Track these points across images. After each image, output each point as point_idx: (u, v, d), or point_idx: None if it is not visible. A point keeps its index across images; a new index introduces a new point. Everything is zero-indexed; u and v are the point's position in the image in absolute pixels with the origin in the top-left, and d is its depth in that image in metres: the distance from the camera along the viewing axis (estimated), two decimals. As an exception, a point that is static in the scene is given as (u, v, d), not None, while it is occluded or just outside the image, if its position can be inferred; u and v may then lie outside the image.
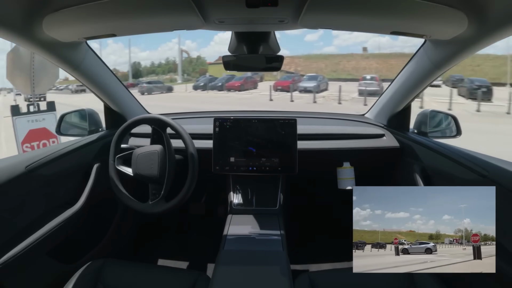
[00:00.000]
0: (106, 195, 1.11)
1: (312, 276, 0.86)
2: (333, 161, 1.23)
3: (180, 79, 27.40)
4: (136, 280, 0.88)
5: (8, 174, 0.79)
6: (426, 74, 0.97)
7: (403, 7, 0.64)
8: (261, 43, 0.93)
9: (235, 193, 1.15)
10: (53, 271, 0.96)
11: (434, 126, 1.19)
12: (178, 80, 26.98)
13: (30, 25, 0.70)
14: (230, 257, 0.85)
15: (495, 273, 0.59)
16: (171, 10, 0.67)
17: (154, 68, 34.25)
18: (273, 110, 1.68)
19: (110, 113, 1.27)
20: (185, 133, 0.97)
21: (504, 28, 0.64)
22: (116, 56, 45.62)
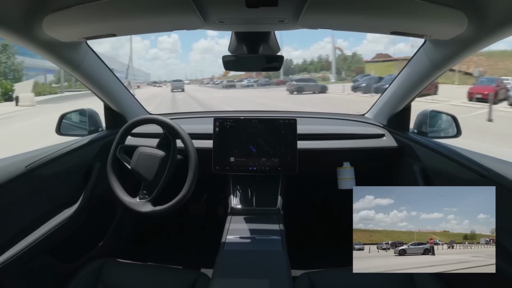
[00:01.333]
0: (106, 195, 1.11)
1: (312, 276, 0.86)
2: (333, 161, 1.23)
3: (334, 77, 25.89)
4: (136, 280, 0.88)
5: (8, 174, 0.79)
6: (426, 74, 0.97)
7: (403, 7, 0.64)
8: (261, 43, 0.93)
9: (235, 193, 1.15)
10: (53, 271, 0.96)
11: (434, 126, 1.19)
12: (331, 79, 25.54)
13: (30, 25, 0.70)
14: (230, 257, 0.84)
15: (495, 273, 0.59)
16: (171, 10, 0.67)
17: (306, 65, 33.45)
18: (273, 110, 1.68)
19: (110, 113, 1.27)
20: (191, 148, 0.95)
21: (504, 28, 0.64)
22: None
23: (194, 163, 0.93)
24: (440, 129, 1.20)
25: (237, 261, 0.83)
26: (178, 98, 17.10)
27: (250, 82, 28.99)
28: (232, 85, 27.65)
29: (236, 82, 29.55)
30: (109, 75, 1.14)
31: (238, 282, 0.75)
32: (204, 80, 51.60)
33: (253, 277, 0.76)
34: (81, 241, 1.11)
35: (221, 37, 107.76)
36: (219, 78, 27.07)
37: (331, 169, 1.24)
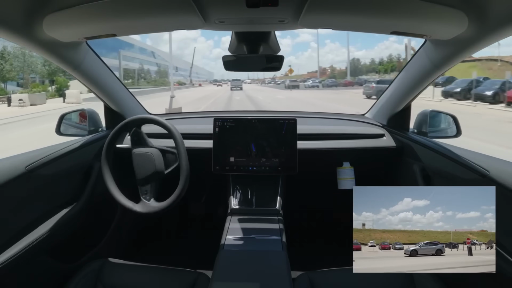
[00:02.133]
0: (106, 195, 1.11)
1: (311, 276, 0.86)
2: (333, 161, 1.23)
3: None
4: (136, 280, 0.88)
5: (8, 174, 0.79)
6: (426, 74, 0.97)
7: (403, 7, 0.64)
8: (261, 43, 0.93)
9: (235, 193, 1.15)
10: (53, 271, 0.96)
11: (434, 126, 1.19)
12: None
13: (30, 25, 0.70)
14: (230, 257, 0.85)
15: (495, 273, 0.59)
16: (171, 10, 0.67)
17: (375, 65, 31.78)
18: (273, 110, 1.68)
19: (110, 113, 1.27)
20: (183, 152, 0.94)
21: (504, 28, 0.64)
22: (333, 55, 45.96)
23: (184, 161, 0.93)
24: (440, 129, 1.20)
25: (236, 261, 0.83)
26: (236, 99, 16.44)
27: (315, 83, 27.37)
28: (295, 85, 26.57)
29: (299, 82, 28.59)
30: (109, 75, 1.14)
31: (238, 282, 0.75)
32: (265, 80, 52.30)
33: (252, 277, 0.76)
34: (81, 241, 1.11)
35: (283, 37, 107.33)
36: (280, 78, 26.77)
37: (331, 169, 1.24)
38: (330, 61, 35.21)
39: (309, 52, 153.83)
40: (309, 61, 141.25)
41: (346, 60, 29.16)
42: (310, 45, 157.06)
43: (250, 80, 56.13)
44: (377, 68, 31.17)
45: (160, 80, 43.79)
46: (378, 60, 32.86)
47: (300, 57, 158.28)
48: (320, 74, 27.10)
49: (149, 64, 45.80)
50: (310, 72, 32.24)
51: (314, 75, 28.99)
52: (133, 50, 40.72)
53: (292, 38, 76.68)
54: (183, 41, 61.05)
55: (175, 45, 62.70)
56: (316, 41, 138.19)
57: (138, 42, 47.22)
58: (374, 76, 24.91)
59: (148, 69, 44.94)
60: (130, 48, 40.09)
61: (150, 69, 45.60)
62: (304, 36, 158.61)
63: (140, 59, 42.25)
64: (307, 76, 30.11)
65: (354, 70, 28.73)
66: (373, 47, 46.29)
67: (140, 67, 41.86)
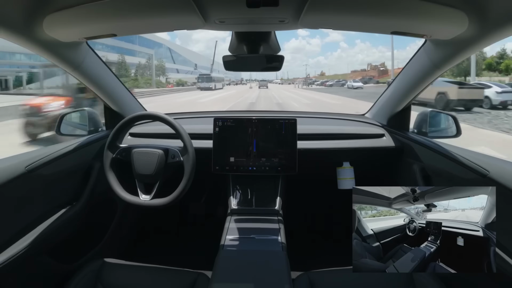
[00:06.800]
0: (106, 195, 1.11)
1: (311, 276, 0.86)
2: (333, 161, 1.23)
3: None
4: (136, 280, 0.88)
5: (8, 174, 0.79)
6: (426, 74, 0.97)
7: (404, 7, 0.64)
8: (262, 43, 0.93)
9: (235, 193, 1.15)
10: (53, 271, 0.96)
11: (434, 126, 1.19)
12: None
13: (30, 25, 0.70)
14: (230, 257, 0.85)
15: (495, 273, 0.59)
16: (171, 10, 0.67)
17: None
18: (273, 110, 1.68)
19: (110, 113, 1.27)
20: (188, 143, 0.96)
21: (504, 28, 0.64)
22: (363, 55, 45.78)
23: (191, 155, 0.95)
24: (440, 129, 1.20)
25: (236, 261, 0.83)
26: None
27: (358, 83, 23.71)
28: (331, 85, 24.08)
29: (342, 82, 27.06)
30: (109, 75, 1.13)
31: (238, 282, 0.75)
32: (308, 79, 52.77)
33: (252, 277, 0.76)
34: (81, 241, 1.11)
35: (312, 37, 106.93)
36: (315, 77, 26.93)
37: (331, 169, 1.24)
38: (360, 61, 35.98)
39: (339, 52, 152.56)
40: (338, 62, 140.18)
41: (378, 61, 29.01)
42: (340, 45, 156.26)
43: (279, 80, 57.41)
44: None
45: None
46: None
47: (329, 57, 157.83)
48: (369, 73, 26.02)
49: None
50: (354, 72, 30.29)
51: (355, 76, 28.22)
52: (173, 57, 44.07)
53: (322, 38, 76.09)
54: (212, 40, 62.52)
55: (203, 44, 65.36)
56: (345, 40, 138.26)
57: (167, 42, 49.61)
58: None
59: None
60: (159, 48, 43.41)
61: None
62: (334, 36, 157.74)
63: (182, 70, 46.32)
64: (341, 76, 30.05)
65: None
66: (405, 47, 46.24)
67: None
